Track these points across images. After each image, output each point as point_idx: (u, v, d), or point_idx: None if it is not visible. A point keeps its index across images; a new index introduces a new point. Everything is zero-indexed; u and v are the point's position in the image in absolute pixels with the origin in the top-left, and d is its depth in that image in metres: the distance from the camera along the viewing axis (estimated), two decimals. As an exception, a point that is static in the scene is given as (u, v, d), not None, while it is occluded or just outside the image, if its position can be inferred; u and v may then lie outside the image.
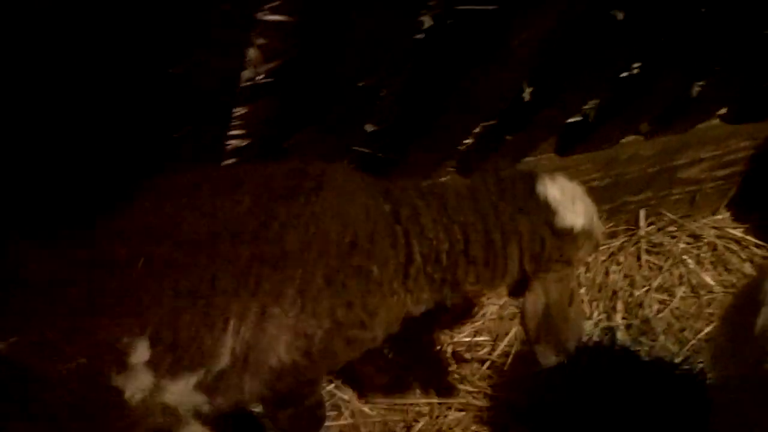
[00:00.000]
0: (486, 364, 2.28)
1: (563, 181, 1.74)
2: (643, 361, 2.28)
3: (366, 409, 2.14)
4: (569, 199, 1.71)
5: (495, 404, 2.16)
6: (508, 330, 2.35)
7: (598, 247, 1.96)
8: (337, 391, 2.13)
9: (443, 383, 2.22)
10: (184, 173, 1.48)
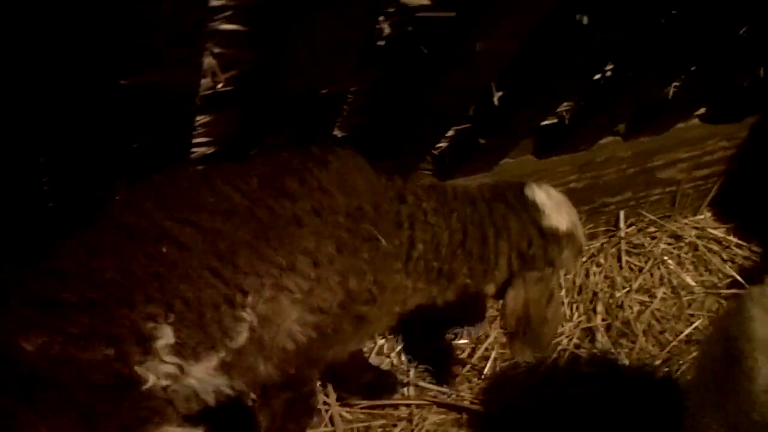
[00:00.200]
0: (465, 368, 2.28)
1: (549, 188, 1.90)
2: (623, 363, 2.28)
3: (344, 413, 2.14)
4: (555, 204, 1.86)
5: (474, 407, 2.16)
6: (488, 333, 2.34)
7: (581, 253, 2.04)
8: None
9: (423, 386, 2.22)
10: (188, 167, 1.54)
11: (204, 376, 1.48)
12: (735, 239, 2.59)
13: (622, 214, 2.50)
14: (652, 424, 2.13)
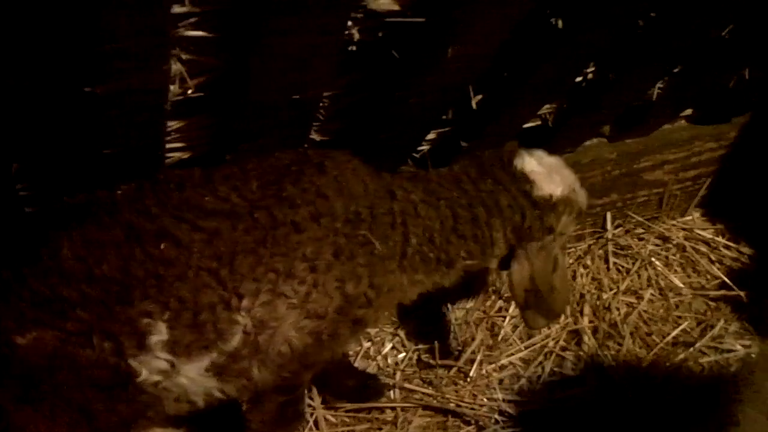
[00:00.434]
0: (452, 370, 2.27)
1: (541, 154, 1.87)
2: (610, 365, 2.27)
3: (329, 416, 2.14)
4: (546, 170, 1.84)
5: (460, 410, 2.16)
6: (474, 336, 2.34)
7: (581, 215, 2.00)
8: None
9: (409, 389, 2.22)
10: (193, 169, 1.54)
11: (195, 377, 1.49)
12: (723, 240, 2.58)
13: (609, 215, 2.49)
14: (639, 426, 2.13)
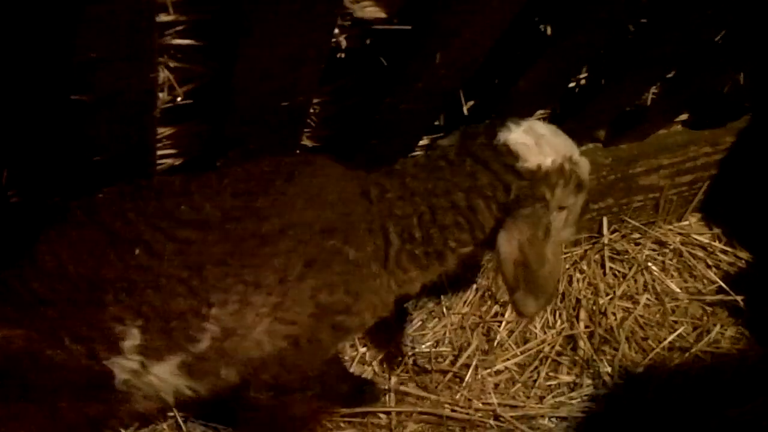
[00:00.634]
0: (447, 376, 2.27)
1: (531, 124, 1.72)
2: (605, 371, 2.27)
3: (324, 421, 2.14)
4: (534, 140, 1.69)
5: (455, 415, 2.16)
6: (470, 341, 2.34)
7: (583, 187, 1.83)
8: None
9: (404, 394, 2.22)
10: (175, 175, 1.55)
11: (165, 376, 1.52)
12: (720, 245, 2.57)
13: (605, 220, 2.48)
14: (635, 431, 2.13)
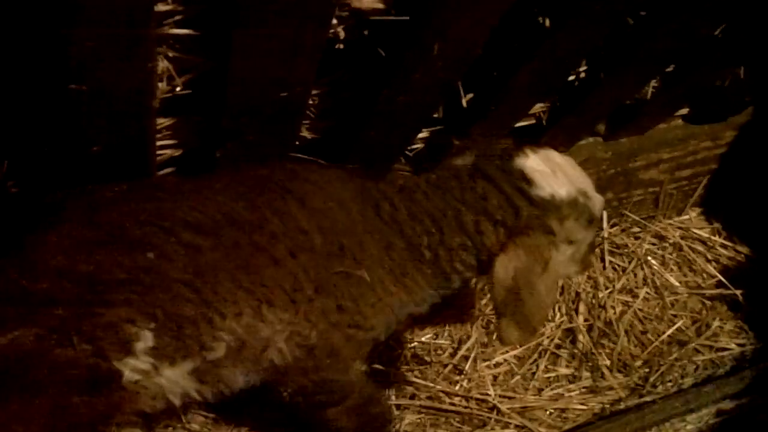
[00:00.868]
0: (447, 368, 2.28)
1: (548, 152, 1.75)
2: (604, 364, 2.28)
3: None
4: (550, 169, 1.71)
5: (454, 407, 2.17)
6: (470, 333, 2.35)
7: (593, 223, 1.82)
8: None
9: (402, 385, 2.23)
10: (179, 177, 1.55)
11: (174, 380, 1.50)
12: (720, 240, 2.58)
13: (605, 214, 2.48)
14: (632, 424, 2.13)
